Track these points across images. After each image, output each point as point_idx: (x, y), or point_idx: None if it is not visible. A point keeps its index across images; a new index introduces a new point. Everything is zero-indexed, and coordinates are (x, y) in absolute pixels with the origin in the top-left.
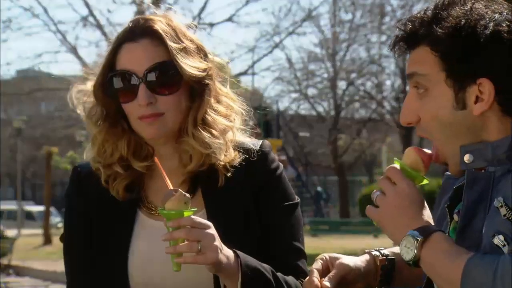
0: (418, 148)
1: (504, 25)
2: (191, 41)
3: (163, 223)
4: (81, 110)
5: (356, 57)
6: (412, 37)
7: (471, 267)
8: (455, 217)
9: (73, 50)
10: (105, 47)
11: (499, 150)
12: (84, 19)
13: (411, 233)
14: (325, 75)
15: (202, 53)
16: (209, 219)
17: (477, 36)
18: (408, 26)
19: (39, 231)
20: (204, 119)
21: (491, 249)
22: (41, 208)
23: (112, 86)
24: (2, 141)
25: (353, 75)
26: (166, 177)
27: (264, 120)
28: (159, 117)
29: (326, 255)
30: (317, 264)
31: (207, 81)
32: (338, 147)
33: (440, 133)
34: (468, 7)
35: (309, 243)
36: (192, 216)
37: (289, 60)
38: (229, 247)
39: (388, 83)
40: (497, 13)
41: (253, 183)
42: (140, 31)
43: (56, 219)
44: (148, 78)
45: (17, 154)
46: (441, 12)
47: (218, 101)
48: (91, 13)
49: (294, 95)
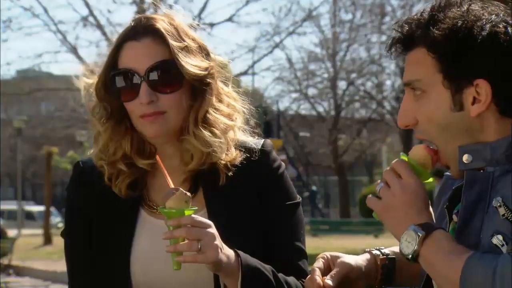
0: (427, 145)
1: (501, 26)
2: (193, 40)
3: (164, 221)
4: (87, 107)
5: (356, 57)
6: (409, 38)
7: (471, 267)
8: (454, 217)
9: (73, 50)
10: (105, 47)
11: (498, 150)
12: (84, 19)
13: (413, 228)
14: (325, 75)
15: (204, 52)
16: (210, 218)
17: (474, 37)
18: (405, 28)
19: (39, 231)
20: (206, 118)
21: (490, 249)
22: (41, 208)
23: (114, 85)
24: (2, 141)
25: (353, 75)
26: (167, 175)
27: (265, 120)
28: (160, 115)
29: (328, 254)
30: (319, 263)
31: (208, 80)
32: (338, 147)
33: (438, 134)
34: (464, 9)
35: (309, 243)
36: (193, 215)
37: (289, 60)
38: (229, 246)
39: (388, 83)
40: (493, 15)
41: (255, 182)
42: (142, 29)
43: (56, 219)
44: (149, 76)
45: (17, 154)
46: (437, 14)
47: (220, 100)
48: (91, 13)
49: (294, 95)
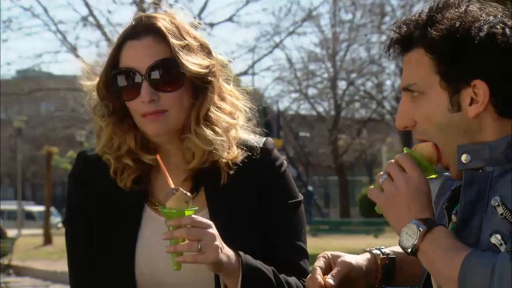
0: (433, 142)
1: (499, 27)
2: (194, 38)
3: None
4: (88, 105)
5: (356, 57)
6: (407, 39)
7: (469, 264)
8: (453, 218)
9: (73, 50)
10: (105, 47)
11: (497, 150)
12: (84, 19)
13: (415, 222)
14: (325, 75)
15: (206, 50)
16: (211, 218)
17: (472, 38)
18: (403, 29)
19: (39, 231)
20: (207, 116)
21: (488, 248)
22: (41, 208)
23: (116, 84)
24: (2, 141)
25: (353, 75)
26: (167, 175)
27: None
28: (162, 114)
29: (328, 253)
30: (320, 262)
31: (210, 78)
32: (338, 147)
33: (437, 135)
34: (462, 10)
35: (309, 243)
36: (193, 216)
37: (289, 60)
38: (230, 246)
39: (388, 83)
40: (491, 16)
41: (256, 181)
42: (142, 28)
43: (57, 219)
44: (150, 75)
45: (17, 154)
46: (435, 15)
47: (222, 99)
48: (91, 13)
49: (294, 95)
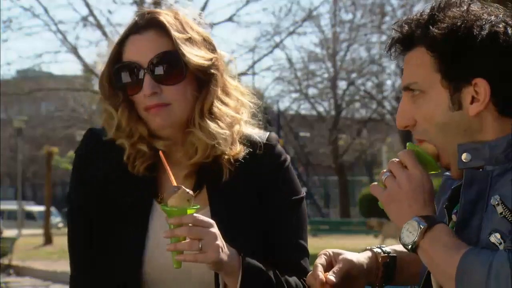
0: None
1: (501, 26)
2: (198, 33)
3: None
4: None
5: (356, 57)
6: (408, 38)
7: (467, 261)
8: (453, 217)
9: (74, 50)
10: (105, 47)
11: (497, 149)
12: (85, 19)
13: (416, 219)
14: (326, 75)
15: (210, 46)
16: (212, 216)
17: (473, 37)
18: (404, 28)
19: (40, 231)
20: (211, 110)
21: (488, 247)
22: (41, 208)
23: (119, 79)
24: (2, 141)
25: (354, 75)
26: (170, 173)
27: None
28: (164, 107)
29: (330, 251)
30: (321, 259)
31: (213, 71)
32: (339, 147)
33: (437, 134)
34: (464, 9)
35: (309, 243)
36: (195, 214)
37: (289, 60)
38: (232, 245)
39: (388, 83)
40: (493, 15)
41: (259, 177)
42: (145, 23)
43: (57, 219)
44: (152, 68)
45: (17, 154)
46: (437, 14)
47: (226, 94)
48: (91, 13)
49: (294, 95)
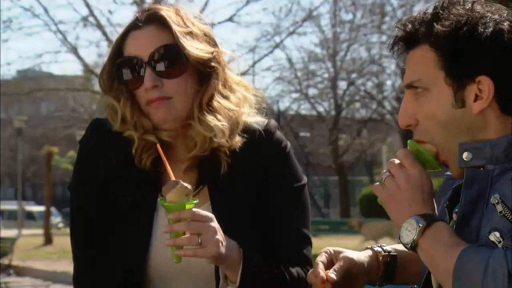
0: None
1: (505, 24)
2: (199, 28)
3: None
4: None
5: (356, 57)
6: (412, 36)
7: (465, 258)
8: (454, 216)
9: (74, 50)
10: (105, 47)
11: (498, 148)
12: (85, 19)
13: (415, 218)
14: (326, 75)
15: (211, 40)
16: (213, 211)
17: (478, 34)
18: (407, 26)
19: (40, 231)
20: (210, 103)
21: (487, 246)
22: (41, 208)
23: (120, 74)
24: (2, 141)
25: (354, 75)
26: (168, 167)
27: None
28: (165, 100)
29: (330, 249)
30: (322, 257)
31: (213, 64)
32: (339, 147)
33: (439, 132)
34: (468, 7)
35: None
36: (194, 209)
37: (289, 60)
38: (234, 239)
39: (388, 83)
40: (496, 14)
41: (259, 165)
42: (145, 18)
43: (57, 219)
44: (153, 61)
45: (17, 154)
46: (441, 12)
47: (228, 88)
48: (91, 13)
49: (294, 95)
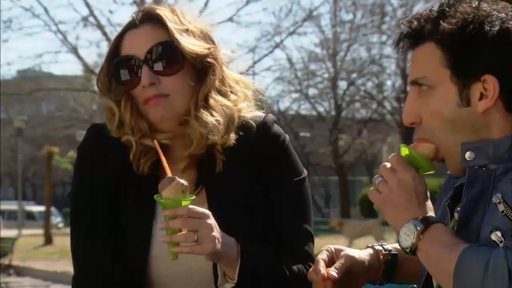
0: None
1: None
2: (196, 26)
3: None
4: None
5: (356, 57)
6: (418, 33)
7: (465, 259)
8: (455, 215)
9: (74, 50)
10: (105, 47)
11: (501, 148)
12: (85, 19)
13: (412, 222)
14: (326, 75)
15: (209, 39)
16: (211, 211)
17: (485, 33)
18: (413, 23)
19: (40, 231)
20: (207, 100)
21: (488, 245)
22: (41, 208)
23: (117, 74)
24: (2, 141)
25: (354, 75)
26: (165, 162)
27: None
28: (163, 98)
29: (331, 247)
30: (323, 255)
31: (210, 60)
32: (339, 147)
33: (442, 130)
34: (475, 5)
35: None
36: (190, 206)
37: (289, 60)
38: (232, 235)
39: (388, 83)
40: (503, 13)
41: (257, 161)
42: (142, 18)
43: (57, 219)
44: (149, 59)
45: (17, 154)
46: (447, 9)
47: (226, 85)
48: (91, 13)
49: (294, 95)
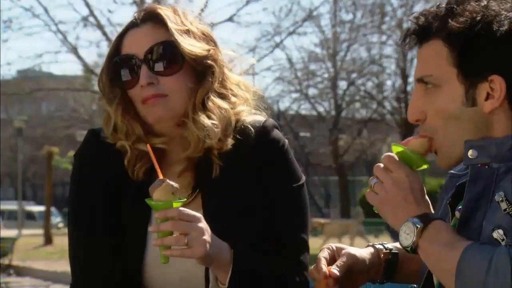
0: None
1: None
2: (197, 27)
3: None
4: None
5: (356, 57)
6: (425, 30)
7: (467, 257)
8: (457, 214)
9: (74, 50)
10: (105, 47)
11: (504, 147)
12: (85, 19)
13: (411, 220)
14: (326, 75)
15: (210, 40)
16: (205, 216)
17: (493, 32)
18: (420, 20)
19: (40, 231)
20: (205, 103)
21: (490, 243)
22: (41, 208)
23: (117, 73)
24: (2, 141)
25: (354, 75)
26: (157, 165)
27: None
28: (161, 98)
29: (333, 245)
30: (324, 253)
31: (210, 62)
32: (339, 147)
33: (444, 127)
34: (483, 4)
35: (309, 243)
36: (181, 208)
37: (289, 60)
38: (226, 240)
39: (388, 83)
40: (511, 12)
41: (255, 165)
42: (143, 17)
43: (57, 219)
44: (148, 58)
45: (17, 154)
46: (455, 7)
47: (226, 88)
48: (91, 13)
49: (294, 95)
